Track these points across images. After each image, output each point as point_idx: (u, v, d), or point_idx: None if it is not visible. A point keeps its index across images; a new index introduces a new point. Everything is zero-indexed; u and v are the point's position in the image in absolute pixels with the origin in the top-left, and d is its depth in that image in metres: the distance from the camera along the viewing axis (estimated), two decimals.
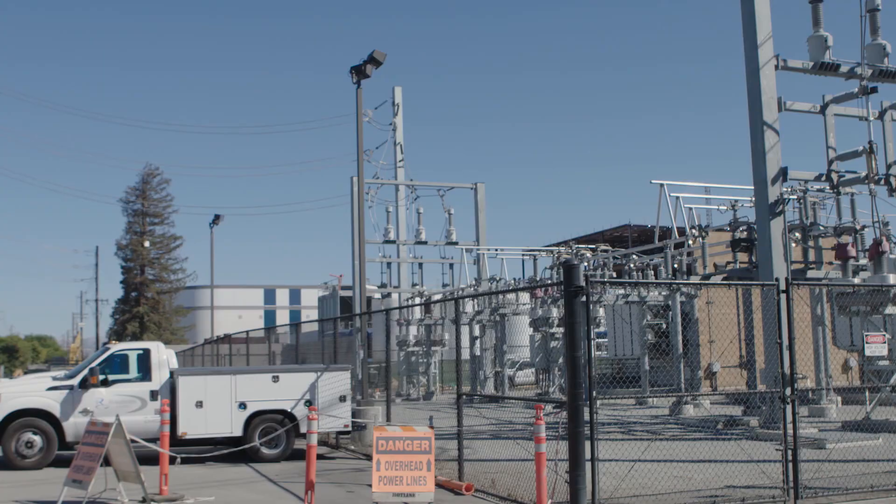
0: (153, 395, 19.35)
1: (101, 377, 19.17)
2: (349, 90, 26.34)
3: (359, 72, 25.45)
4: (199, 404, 19.37)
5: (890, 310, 21.15)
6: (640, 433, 23.34)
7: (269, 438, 19.48)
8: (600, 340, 39.45)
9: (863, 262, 26.18)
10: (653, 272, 38.27)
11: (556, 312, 35.62)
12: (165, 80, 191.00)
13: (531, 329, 38.44)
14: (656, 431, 23.71)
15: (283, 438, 19.69)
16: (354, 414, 20.95)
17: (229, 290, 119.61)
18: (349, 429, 20.74)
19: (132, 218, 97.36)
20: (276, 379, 20.18)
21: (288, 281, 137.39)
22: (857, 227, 28.09)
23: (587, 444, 11.53)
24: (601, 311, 37.13)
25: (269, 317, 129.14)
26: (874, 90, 23.37)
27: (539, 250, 47.87)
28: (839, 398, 28.12)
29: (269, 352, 35.99)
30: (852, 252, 24.07)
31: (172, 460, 16.52)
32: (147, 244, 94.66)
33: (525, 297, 42.72)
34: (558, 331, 35.36)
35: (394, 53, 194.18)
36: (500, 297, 41.17)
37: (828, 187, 25.15)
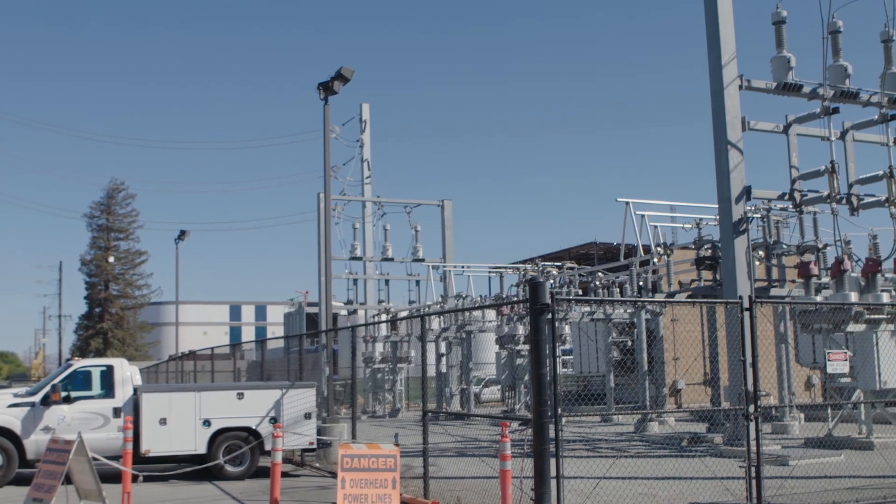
0: (116, 412, 19.17)
1: (64, 394, 18.99)
2: (317, 105, 26.31)
3: (326, 88, 25.45)
4: (163, 421, 19.20)
5: (851, 327, 21.36)
6: (605, 450, 23.40)
7: (233, 456, 19.36)
8: (566, 357, 39.56)
9: (825, 280, 26.48)
10: (618, 290, 38.45)
11: (522, 330, 35.71)
12: (131, 95, 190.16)
13: (497, 346, 38.56)
14: (621, 448, 23.78)
15: (247, 456, 19.57)
16: (320, 431, 20.85)
17: (194, 306, 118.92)
18: (314, 446, 20.65)
19: (97, 233, 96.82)
20: (240, 396, 20.07)
21: (254, 297, 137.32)
22: (820, 246, 28.42)
23: (552, 462, 11.55)
24: (567, 329, 37.26)
25: (235, 333, 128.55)
26: (836, 111, 23.68)
27: (505, 267, 48.01)
28: (802, 415, 28.38)
29: (235, 368, 35.89)
30: (815, 270, 24.33)
31: (135, 478, 16.35)
32: (112, 260, 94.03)
33: (491, 314, 42.83)
34: (524, 348, 35.47)
35: (362, 68, 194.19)
36: (467, 314, 41.18)
37: (791, 206, 25.39)
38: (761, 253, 28.02)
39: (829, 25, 23.87)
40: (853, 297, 21.83)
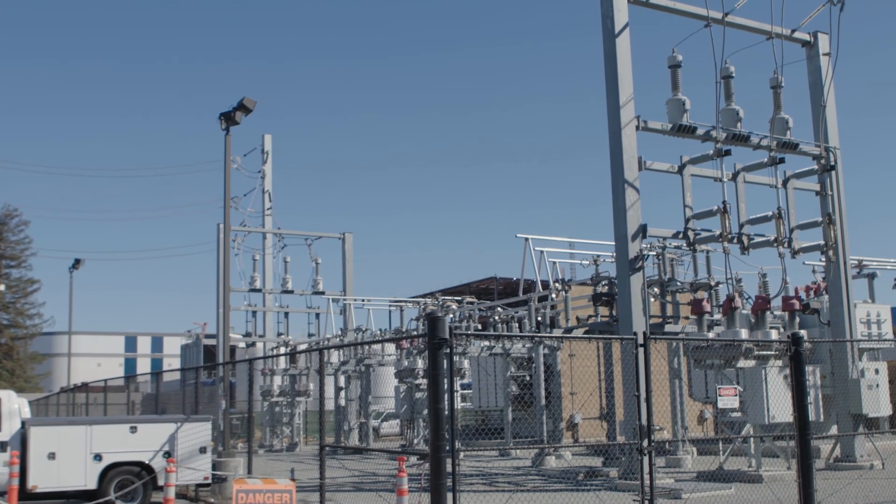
0: (2, 446, 18.54)
1: None
2: (219, 136, 26.08)
3: (228, 118, 25.26)
4: (52, 456, 18.67)
5: (742, 363, 21.89)
6: (502, 484, 23.50)
7: (125, 492, 18.89)
8: (465, 392, 39.71)
9: (717, 317, 27.11)
10: (517, 325, 38.80)
11: (421, 363, 35.76)
12: (26, 121, 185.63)
13: (397, 380, 38.50)
14: (519, 483, 23.91)
15: (139, 491, 19.11)
16: (215, 466, 20.52)
17: (88, 336, 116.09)
18: (209, 481, 20.28)
19: None
20: (133, 429, 19.64)
21: (150, 328, 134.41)
22: (712, 284, 29.12)
23: (450, 496, 11.58)
24: (466, 363, 37.41)
25: (130, 365, 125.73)
26: (728, 153, 24.39)
27: (406, 301, 48.06)
28: (695, 449, 28.93)
29: (129, 401, 35.06)
30: (707, 307, 24.89)
31: None
32: (2, 288, 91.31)
33: (391, 347, 42.78)
34: (423, 382, 35.48)
35: (265, 99, 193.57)
36: (366, 347, 41.08)
37: (685, 244, 25.98)
38: (656, 290, 28.62)
39: (722, 70, 24.66)
40: (743, 333, 22.40)
